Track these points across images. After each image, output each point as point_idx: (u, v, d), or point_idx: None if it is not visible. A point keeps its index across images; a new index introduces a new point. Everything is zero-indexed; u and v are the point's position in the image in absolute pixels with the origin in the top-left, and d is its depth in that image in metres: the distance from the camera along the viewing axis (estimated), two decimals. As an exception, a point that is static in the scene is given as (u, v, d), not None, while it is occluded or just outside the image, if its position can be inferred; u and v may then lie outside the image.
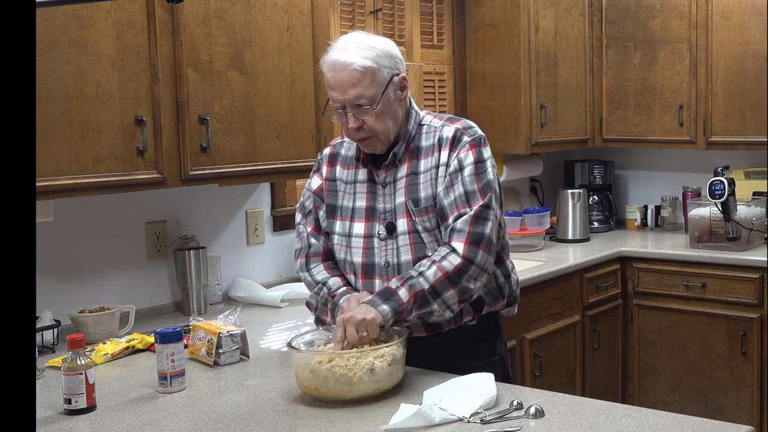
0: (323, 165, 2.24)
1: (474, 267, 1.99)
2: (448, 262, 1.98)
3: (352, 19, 3.55)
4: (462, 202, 2.03)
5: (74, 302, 2.62)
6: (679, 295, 3.83)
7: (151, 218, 2.90)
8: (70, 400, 1.89)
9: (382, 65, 2.03)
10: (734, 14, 3.89)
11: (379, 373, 1.86)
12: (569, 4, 4.16)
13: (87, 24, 2.30)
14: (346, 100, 2.02)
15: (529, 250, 3.94)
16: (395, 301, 1.95)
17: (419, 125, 2.14)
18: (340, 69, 2.01)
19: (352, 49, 2.02)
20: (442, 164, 2.07)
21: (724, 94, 3.97)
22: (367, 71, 2.00)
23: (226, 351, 2.24)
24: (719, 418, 1.94)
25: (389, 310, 1.94)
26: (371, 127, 2.04)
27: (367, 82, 2.00)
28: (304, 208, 2.24)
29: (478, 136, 2.10)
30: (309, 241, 2.21)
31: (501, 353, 2.22)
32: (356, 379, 1.84)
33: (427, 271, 1.98)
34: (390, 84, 2.05)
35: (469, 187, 2.03)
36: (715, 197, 3.70)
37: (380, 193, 2.12)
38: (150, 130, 2.45)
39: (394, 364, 1.90)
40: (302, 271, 2.21)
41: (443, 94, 4.04)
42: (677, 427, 1.69)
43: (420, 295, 1.96)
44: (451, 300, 2.00)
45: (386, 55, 2.05)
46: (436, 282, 1.97)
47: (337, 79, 2.01)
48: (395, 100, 2.07)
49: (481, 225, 2.01)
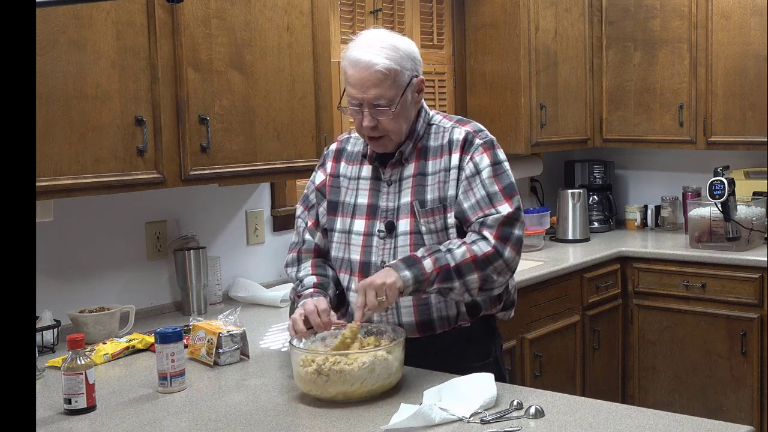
0: (328, 160, 2.23)
1: (501, 260, 1.99)
2: (478, 247, 1.98)
3: (352, 19, 3.55)
4: (486, 204, 2.02)
5: (74, 302, 2.62)
6: (679, 295, 3.83)
7: (151, 218, 2.90)
8: (70, 400, 1.89)
9: (405, 67, 2.02)
10: (734, 14, 3.89)
11: (379, 373, 1.86)
12: (569, 4, 4.16)
13: (87, 24, 2.30)
14: (365, 98, 2.00)
15: (529, 250, 3.93)
16: (418, 269, 1.93)
17: (428, 125, 2.14)
18: (363, 68, 1.99)
19: (376, 49, 2.00)
20: (454, 167, 2.06)
21: (724, 94, 3.97)
22: (390, 73, 1.99)
23: (226, 351, 2.24)
24: (719, 418, 1.94)
25: (411, 277, 1.92)
26: (386, 127, 2.03)
27: (388, 84, 1.99)
28: (307, 201, 2.24)
29: (490, 139, 2.10)
30: (304, 236, 2.21)
31: (496, 355, 2.21)
32: (356, 379, 1.84)
33: (456, 250, 1.97)
34: (409, 86, 2.04)
35: (489, 189, 2.03)
36: (715, 197, 3.70)
37: (384, 191, 2.11)
38: (150, 130, 2.45)
39: (393, 364, 1.90)
40: (291, 266, 2.21)
41: (443, 94, 4.04)
42: (677, 427, 1.69)
43: (445, 270, 1.95)
44: (473, 284, 1.98)
45: (409, 57, 2.04)
46: (462, 262, 1.96)
47: (358, 77, 2.00)
48: (411, 102, 2.07)
49: (511, 226, 2.01)
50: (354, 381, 1.84)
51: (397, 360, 1.91)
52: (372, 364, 1.84)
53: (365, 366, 1.84)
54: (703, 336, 3.77)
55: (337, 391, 1.85)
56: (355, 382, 1.84)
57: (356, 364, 1.84)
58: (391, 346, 1.90)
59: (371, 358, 1.85)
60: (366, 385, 1.85)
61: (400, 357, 1.93)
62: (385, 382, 1.88)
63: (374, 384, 1.86)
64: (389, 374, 1.89)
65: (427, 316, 2.08)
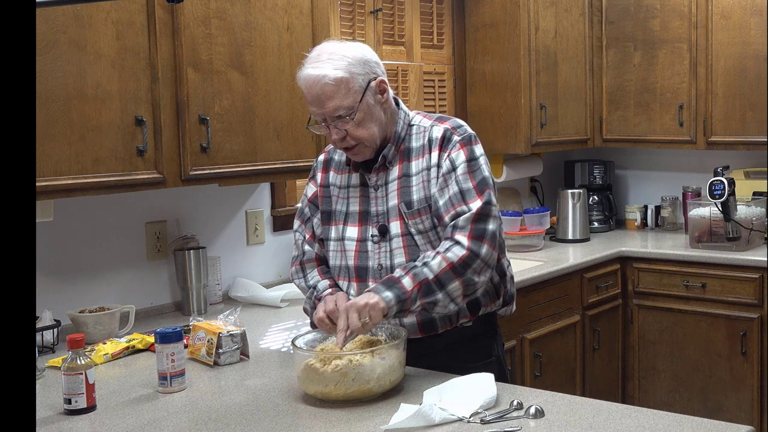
0: (318, 172, 2.24)
1: (479, 260, 1.98)
2: (452, 254, 1.97)
3: (352, 19, 3.55)
4: (458, 201, 2.02)
5: (74, 302, 2.62)
6: (679, 295, 3.83)
7: (151, 218, 2.90)
8: (70, 400, 1.89)
9: (356, 73, 2.01)
10: (734, 14, 3.89)
11: (379, 373, 1.86)
12: (569, 4, 4.16)
13: (87, 24, 2.30)
14: (325, 113, 2.01)
15: (529, 250, 3.94)
16: (398, 289, 1.93)
17: (409, 126, 2.14)
18: (313, 83, 2.00)
19: (323, 62, 2.01)
20: (434, 165, 2.06)
21: (724, 94, 3.97)
22: (340, 82, 1.99)
23: (226, 351, 2.24)
24: (719, 418, 1.94)
25: (392, 297, 1.92)
26: (354, 135, 2.03)
27: (342, 93, 1.99)
28: (303, 214, 2.25)
29: (468, 135, 2.09)
30: (303, 248, 2.22)
31: (498, 354, 2.22)
32: (357, 379, 1.84)
33: (431, 262, 1.97)
34: (367, 90, 2.03)
35: (463, 185, 2.02)
36: (715, 197, 3.70)
37: (372, 197, 2.12)
38: (150, 130, 2.45)
39: (394, 364, 1.90)
40: (297, 277, 2.23)
41: (443, 94, 4.04)
42: (677, 427, 1.69)
43: (424, 284, 1.95)
44: (456, 292, 1.98)
45: (359, 62, 2.03)
46: (440, 272, 1.95)
47: (312, 94, 2.01)
48: (376, 105, 2.06)
49: (483, 222, 2.00)
50: (327, 382, 1.85)
51: (398, 360, 1.91)
52: (345, 368, 1.84)
53: (338, 369, 1.84)
54: (703, 336, 3.77)
55: (338, 391, 1.85)
56: (328, 384, 1.85)
57: (330, 366, 1.85)
58: (392, 347, 1.90)
59: (345, 362, 1.85)
60: (340, 388, 1.85)
61: (401, 357, 1.93)
62: (386, 382, 1.88)
63: (349, 388, 1.85)
64: (390, 374, 1.88)
65: (428, 315, 2.08)
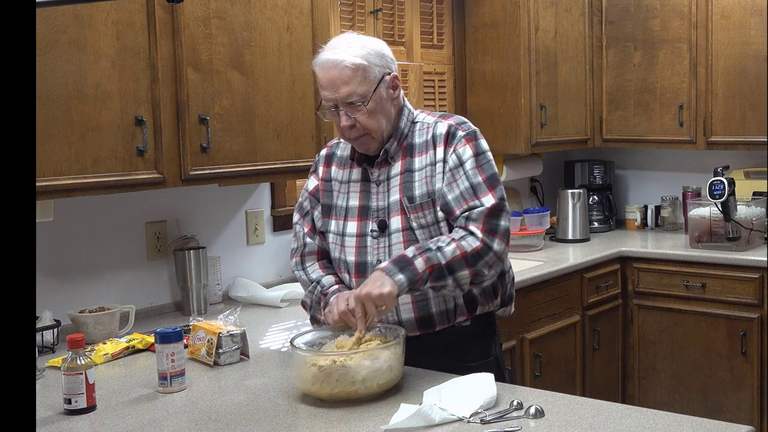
0: (320, 166, 2.25)
1: (492, 253, 2.00)
2: (467, 243, 1.98)
3: (352, 19, 3.55)
4: (470, 195, 2.03)
5: (74, 302, 2.62)
6: (679, 295, 3.83)
7: (151, 218, 2.90)
8: (70, 400, 1.89)
9: (374, 63, 2.04)
10: (734, 14, 3.89)
11: (365, 375, 1.85)
12: (569, 4, 4.16)
13: (87, 24, 2.30)
14: (338, 98, 2.02)
15: (529, 250, 3.94)
16: (411, 271, 1.93)
17: (412, 123, 2.15)
18: (331, 67, 2.01)
19: (342, 48, 2.03)
20: (439, 161, 2.07)
21: (724, 94, 3.97)
22: (358, 68, 2.01)
23: (226, 351, 2.24)
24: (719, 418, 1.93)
25: (405, 280, 1.92)
26: (364, 125, 2.04)
27: (358, 80, 2.01)
28: (302, 208, 2.26)
29: (473, 130, 2.10)
30: (305, 240, 2.22)
31: (496, 354, 2.22)
32: (356, 379, 1.84)
33: (446, 247, 1.97)
34: (381, 82, 2.05)
35: (473, 180, 2.04)
36: (715, 197, 3.70)
37: (374, 192, 2.13)
38: (150, 130, 2.45)
39: (394, 363, 1.90)
40: (297, 269, 2.23)
41: (443, 94, 4.04)
42: (677, 427, 1.69)
43: (437, 269, 1.95)
44: (464, 280, 1.99)
45: (377, 54, 2.05)
46: (453, 259, 1.96)
47: (328, 77, 2.02)
48: (387, 99, 2.08)
49: (496, 217, 2.02)
50: (354, 381, 1.85)
51: (398, 360, 1.91)
52: (329, 368, 1.85)
53: (366, 366, 1.85)
54: (703, 336, 3.77)
55: (337, 391, 1.85)
56: (355, 382, 1.85)
57: (357, 364, 1.85)
58: (392, 346, 1.90)
59: (372, 358, 1.86)
60: (366, 385, 1.85)
61: (400, 357, 1.93)
62: (386, 382, 1.88)
63: (334, 389, 1.85)
64: (389, 374, 1.88)
65: (426, 311, 2.08)
